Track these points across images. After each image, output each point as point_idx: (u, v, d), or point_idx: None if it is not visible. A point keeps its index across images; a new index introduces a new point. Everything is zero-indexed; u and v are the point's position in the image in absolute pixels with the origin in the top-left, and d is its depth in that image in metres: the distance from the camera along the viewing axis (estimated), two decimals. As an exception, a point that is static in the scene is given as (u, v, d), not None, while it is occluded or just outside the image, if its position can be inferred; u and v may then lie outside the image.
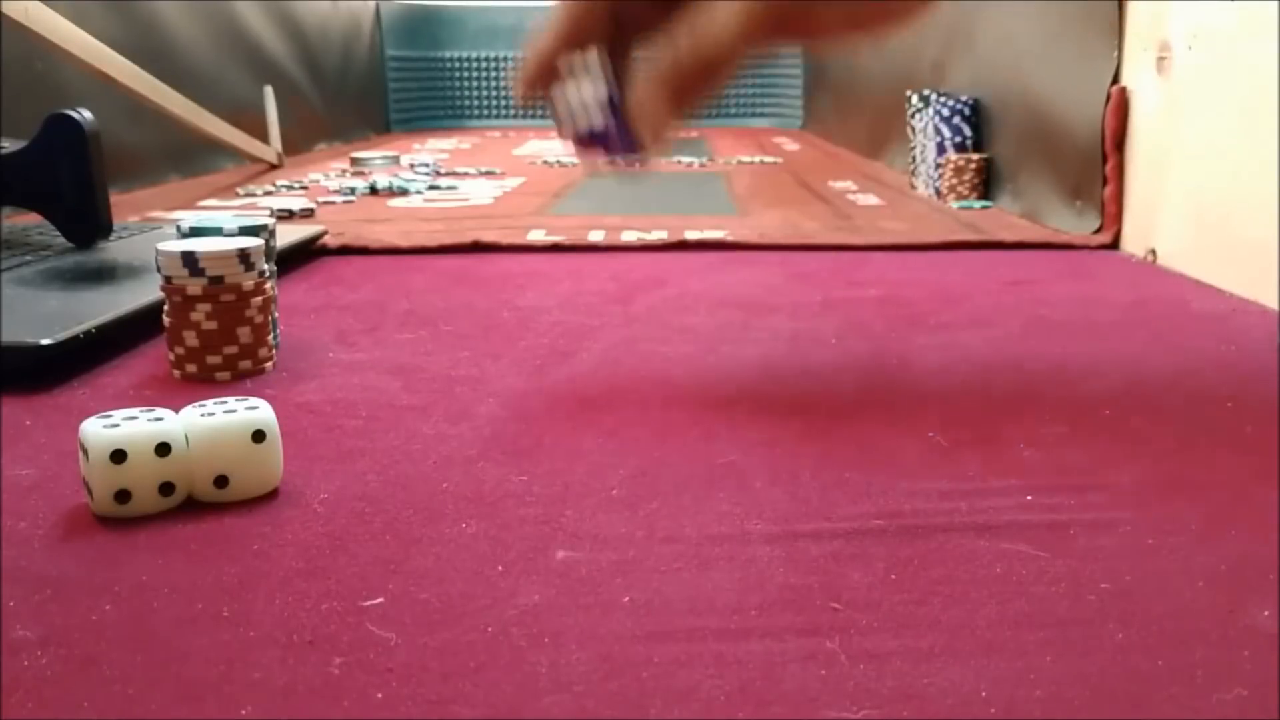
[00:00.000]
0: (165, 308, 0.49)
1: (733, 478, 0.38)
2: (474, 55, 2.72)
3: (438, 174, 1.46)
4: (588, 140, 0.44)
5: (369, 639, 0.27)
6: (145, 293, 0.58)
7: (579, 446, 0.41)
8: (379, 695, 0.25)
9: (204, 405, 0.36)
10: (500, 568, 0.31)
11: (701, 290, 0.70)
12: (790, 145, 2.04)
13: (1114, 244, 0.84)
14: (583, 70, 0.44)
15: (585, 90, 0.44)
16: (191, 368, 0.49)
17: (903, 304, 0.65)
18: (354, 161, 1.59)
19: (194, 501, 0.35)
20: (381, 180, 1.26)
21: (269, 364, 0.51)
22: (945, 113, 1.13)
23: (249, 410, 0.36)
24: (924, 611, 0.29)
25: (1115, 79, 0.84)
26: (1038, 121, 0.98)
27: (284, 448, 0.37)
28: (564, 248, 0.86)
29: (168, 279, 0.48)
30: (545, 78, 0.45)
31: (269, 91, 1.62)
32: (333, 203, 1.14)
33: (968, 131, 1.13)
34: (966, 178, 1.09)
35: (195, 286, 0.48)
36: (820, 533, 0.34)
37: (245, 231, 0.52)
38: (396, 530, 0.34)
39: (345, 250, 0.84)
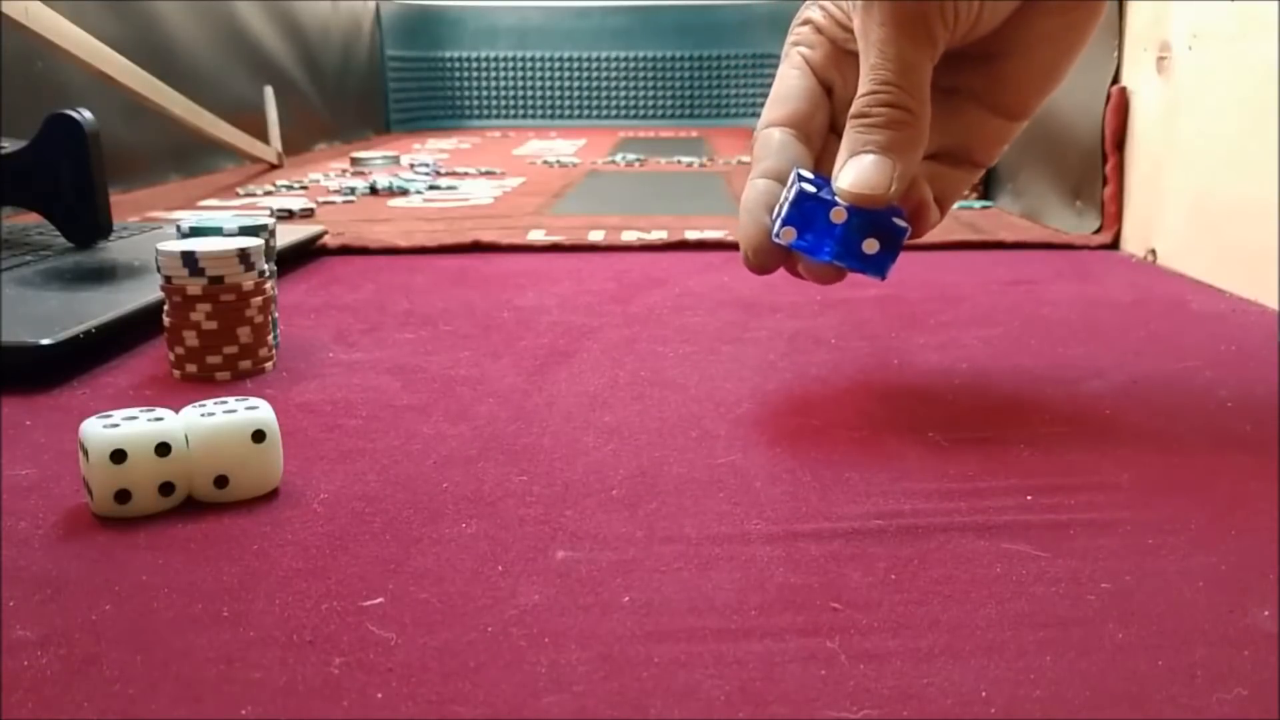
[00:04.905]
0: (165, 308, 0.49)
1: (733, 478, 0.38)
2: (474, 55, 2.73)
3: (438, 174, 1.46)
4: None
5: (369, 639, 0.27)
6: (145, 293, 0.58)
7: (579, 446, 0.41)
8: (379, 695, 0.25)
9: (204, 405, 0.36)
10: (500, 568, 0.31)
11: (701, 290, 0.70)
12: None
13: (1114, 244, 0.84)
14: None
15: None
16: (191, 368, 0.49)
17: (903, 304, 0.65)
18: (354, 161, 1.59)
19: (194, 501, 0.35)
20: (381, 180, 1.26)
21: (269, 364, 0.51)
22: (945, 113, 1.13)
23: (249, 410, 0.36)
24: (924, 611, 0.29)
25: (1115, 79, 0.84)
26: (1038, 121, 0.97)
27: (284, 448, 0.37)
28: (564, 248, 0.86)
29: (168, 279, 0.48)
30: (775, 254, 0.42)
31: (269, 91, 1.62)
32: (333, 203, 1.14)
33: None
34: (966, 178, 1.09)
35: (195, 286, 0.48)
36: (820, 533, 0.34)
37: (245, 231, 0.52)
38: (396, 530, 0.34)
39: (345, 250, 0.84)
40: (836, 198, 0.40)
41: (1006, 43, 0.42)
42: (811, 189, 0.40)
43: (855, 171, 0.39)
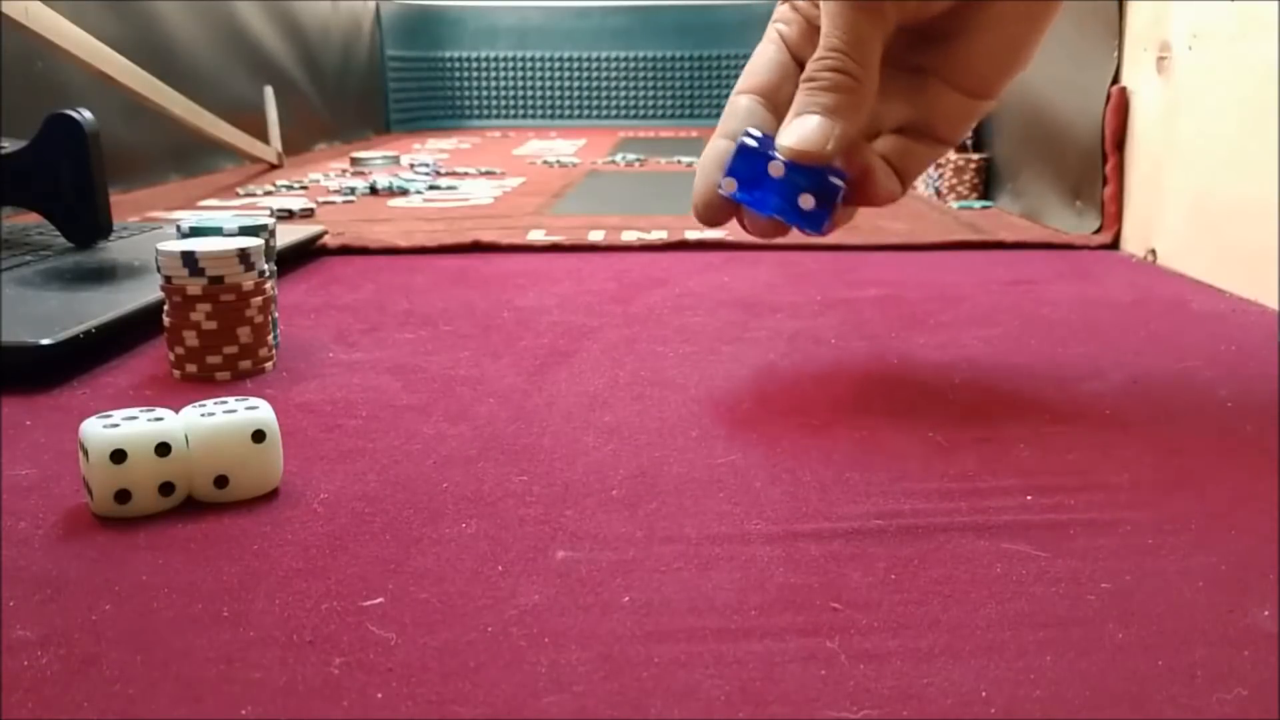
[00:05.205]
0: (165, 308, 0.49)
1: (733, 478, 0.38)
2: (474, 55, 2.72)
3: (438, 174, 1.46)
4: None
5: (369, 639, 0.27)
6: (145, 293, 0.58)
7: (579, 446, 0.41)
8: (379, 695, 0.25)
9: (204, 405, 0.36)
10: (500, 568, 0.31)
11: (701, 290, 0.70)
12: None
13: (1114, 244, 0.84)
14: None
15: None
16: (191, 368, 0.49)
17: (903, 304, 0.65)
18: (354, 161, 1.59)
19: (194, 501, 0.35)
20: (381, 180, 1.26)
21: (269, 364, 0.51)
22: (945, 113, 1.13)
23: (249, 410, 0.36)
24: (924, 611, 0.29)
25: (1115, 79, 0.84)
26: (1038, 121, 0.98)
27: (284, 448, 0.37)
28: (564, 248, 0.86)
29: (168, 279, 0.48)
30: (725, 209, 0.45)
31: (269, 91, 1.62)
32: (333, 203, 1.14)
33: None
34: (966, 178, 1.09)
35: (195, 286, 0.48)
36: (820, 533, 0.34)
37: (245, 231, 0.52)
38: (396, 530, 0.34)
39: (345, 250, 0.84)
40: (776, 153, 0.42)
41: (965, 22, 0.44)
42: (754, 144, 0.42)
43: (796, 130, 0.42)
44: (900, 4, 0.42)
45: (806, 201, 0.42)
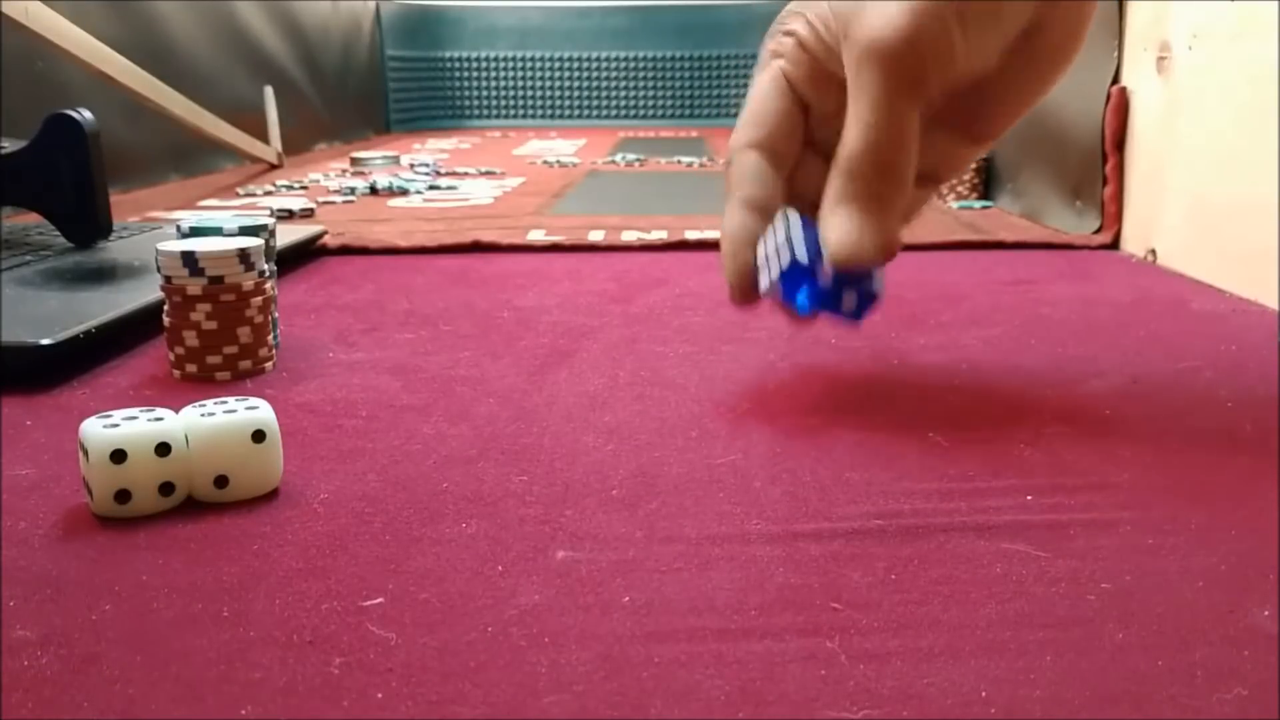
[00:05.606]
0: (165, 308, 0.49)
1: (733, 478, 0.38)
2: (474, 55, 2.73)
3: (438, 174, 1.46)
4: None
5: (369, 639, 0.27)
6: (145, 293, 0.58)
7: (579, 446, 0.41)
8: (379, 695, 0.25)
9: (204, 405, 0.36)
10: (500, 568, 0.31)
11: (701, 290, 0.70)
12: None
13: (1114, 244, 0.84)
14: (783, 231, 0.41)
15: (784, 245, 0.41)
16: (191, 368, 0.49)
17: (903, 304, 0.65)
18: (354, 161, 1.59)
19: (194, 501, 0.35)
20: (381, 180, 1.26)
21: (269, 364, 0.51)
22: (945, 113, 1.13)
23: (249, 410, 0.36)
24: (924, 611, 0.29)
25: (1115, 79, 0.84)
26: (1038, 121, 0.98)
27: (284, 448, 0.37)
28: (564, 248, 0.86)
29: (168, 279, 0.48)
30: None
31: (269, 91, 1.62)
32: (333, 203, 1.14)
33: (968, 131, 1.13)
34: (966, 178, 1.09)
35: (195, 286, 0.48)
36: (820, 533, 0.34)
37: (245, 231, 0.52)
38: (396, 530, 0.34)
39: (345, 250, 0.84)
40: (824, 259, 0.41)
41: (980, 78, 0.42)
42: (804, 259, 0.41)
43: (842, 234, 0.40)
44: (944, 75, 0.39)
45: (849, 302, 0.42)
